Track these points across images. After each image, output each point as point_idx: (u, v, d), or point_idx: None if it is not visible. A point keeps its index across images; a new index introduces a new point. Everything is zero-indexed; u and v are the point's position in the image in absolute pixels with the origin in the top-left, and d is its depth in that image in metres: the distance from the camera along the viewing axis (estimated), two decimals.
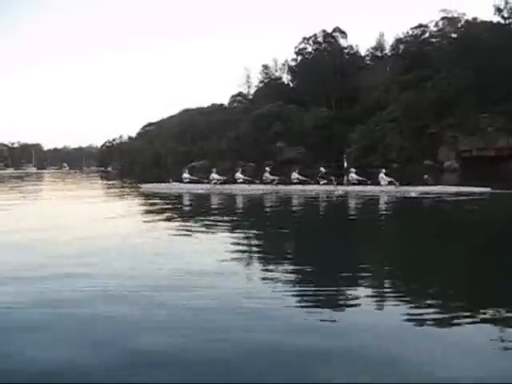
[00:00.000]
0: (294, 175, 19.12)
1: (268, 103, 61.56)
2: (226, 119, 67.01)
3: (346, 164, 35.46)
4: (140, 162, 77.63)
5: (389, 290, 4.50)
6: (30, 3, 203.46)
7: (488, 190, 15.38)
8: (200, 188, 18.79)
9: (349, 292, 4.38)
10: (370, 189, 17.06)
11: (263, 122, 59.29)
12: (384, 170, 18.01)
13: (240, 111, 68.83)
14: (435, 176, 28.30)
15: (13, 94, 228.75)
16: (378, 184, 17.35)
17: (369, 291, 4.35)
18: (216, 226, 8.62)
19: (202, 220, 9.46)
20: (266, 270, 5.22)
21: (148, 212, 11.35)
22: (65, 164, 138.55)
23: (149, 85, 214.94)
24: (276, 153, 57.30)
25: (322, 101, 59.18)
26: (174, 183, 19.58)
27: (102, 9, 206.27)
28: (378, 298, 4.13)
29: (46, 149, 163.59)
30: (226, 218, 9.97)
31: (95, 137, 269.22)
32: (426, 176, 16.98)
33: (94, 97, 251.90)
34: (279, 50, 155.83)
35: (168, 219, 9.78)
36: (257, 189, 18.33)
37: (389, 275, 5.06)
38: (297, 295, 4.22)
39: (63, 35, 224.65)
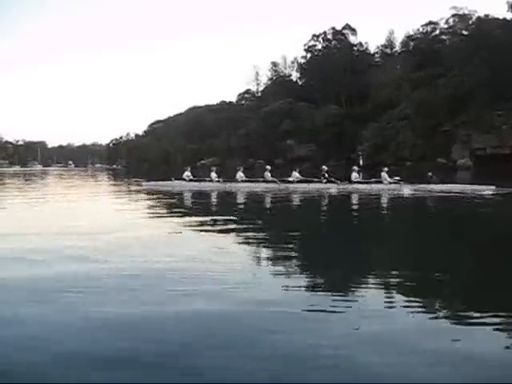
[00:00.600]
0: (295, 174, 18.88)
1: (277, 100, 61.49)
2: (234, 117, 66.96)
3: (361, 162, 35.28)
4: (148, 160, 77.64)
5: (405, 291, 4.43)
6: (30, 3, 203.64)
7: (492, 188, 15.06)
8: (202, 186, 18.62)
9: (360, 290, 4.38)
10: (372, 187, 16.88)
11: (273, 119, 59.23)
12: (386, 169, 17.75)
13: (249, 109, 68.75)
14: (447, 174, 28.20)
15: (16, 93, 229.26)
16: (381, 183, 17.19)
17: (379, 289, 4.36)
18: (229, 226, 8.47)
19: (212, 220, 9.27)
20: (275, 269, 5.21)
21: (173, 213, 10.97)
22: (70, 161, 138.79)
23: (154, 83, 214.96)
24: (286, 150, 57.29)
25: (332, 98, 59.06)
26: (176, 181, 19.41)
27: (105, 8, 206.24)
28: (389, 298, 4.13)
29: (50, 146, 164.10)
30: (232, 218, 9.82)
31: (99, 134, 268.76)
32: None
33: (98, 95, 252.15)
34: (288, 48, 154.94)
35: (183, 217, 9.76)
36: (259, 187, 18.17)
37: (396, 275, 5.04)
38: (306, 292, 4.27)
39: (64, 34, 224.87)
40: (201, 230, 8.07)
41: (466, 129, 42.86)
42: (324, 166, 19.10)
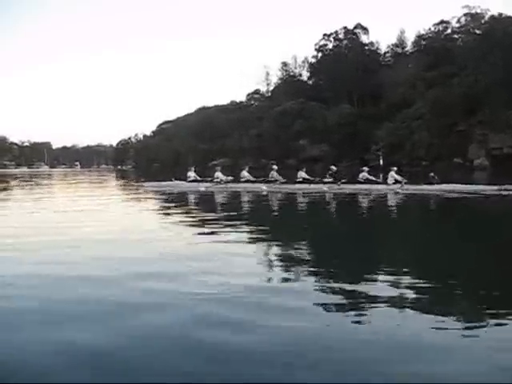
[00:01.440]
0: (300, 174, 18.74)
1: (287, 100, 61.43)
2: (245, 117, 66.92)
3: (381, 162, 35.35)
4: (158, 161, 77.62)
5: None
6: (30, 3, 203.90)
7: (495, 187, 14.81)
8: (202, 186, 18.37)
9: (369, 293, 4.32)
10: (373, 187, 16.71)
11: (285, 119, 59.16)
12: (395, 168, 17.43)
13: (259, 109, 68.71)
14: (464, 174, 28.04)
15: (19, 94, 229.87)
16: (386, 183, 16.99)
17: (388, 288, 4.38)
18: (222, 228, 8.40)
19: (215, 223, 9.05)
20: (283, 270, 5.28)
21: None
22: (76, 163, 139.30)
23: (160, 83, 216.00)
24: (299, 150, 57.28)
25: (344, 98, 58.97)
26: (177, 182, 19.33)
27: (105, 7, 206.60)
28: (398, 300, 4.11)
29: (54, 147, 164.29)
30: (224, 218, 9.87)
31: (103, 135, 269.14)
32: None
33: (102, 96, 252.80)
34: (298, 47, 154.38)
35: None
36: (261, 187, 17.87)
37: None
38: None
39: (65, 34, 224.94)
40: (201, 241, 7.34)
41: (482, 128, 42.78)
42: (332, 166, 18.85)
